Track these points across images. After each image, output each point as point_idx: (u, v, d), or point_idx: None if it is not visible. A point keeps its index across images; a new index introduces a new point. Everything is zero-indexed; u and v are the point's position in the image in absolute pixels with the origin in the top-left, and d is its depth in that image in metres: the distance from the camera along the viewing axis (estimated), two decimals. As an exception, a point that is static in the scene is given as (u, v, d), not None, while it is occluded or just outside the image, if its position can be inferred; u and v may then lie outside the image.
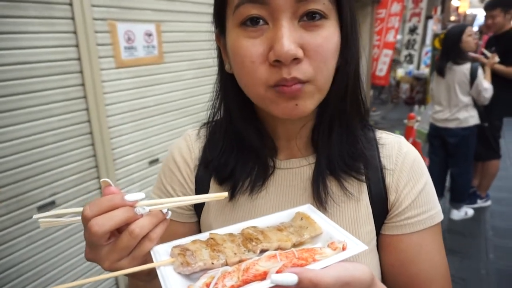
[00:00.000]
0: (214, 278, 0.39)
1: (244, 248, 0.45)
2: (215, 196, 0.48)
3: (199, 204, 0.66)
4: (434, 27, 7.26)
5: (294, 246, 0.47)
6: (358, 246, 0.44)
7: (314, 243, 0.49)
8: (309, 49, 0.48)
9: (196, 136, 0.70)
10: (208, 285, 0.38)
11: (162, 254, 0.45)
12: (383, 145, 0.61)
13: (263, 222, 0.51)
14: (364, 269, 0.40)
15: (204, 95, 2.59)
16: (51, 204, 1.72)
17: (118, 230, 0.45)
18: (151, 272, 0.49)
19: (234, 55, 0.52)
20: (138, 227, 0.43)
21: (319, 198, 0.58)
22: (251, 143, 0.61)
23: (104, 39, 1.86)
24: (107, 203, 0.43)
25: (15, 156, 1.56)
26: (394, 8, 5.34)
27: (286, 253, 0.42)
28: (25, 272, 1.65)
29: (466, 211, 3.28)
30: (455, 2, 12.32)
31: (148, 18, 2.08)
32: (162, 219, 0.46)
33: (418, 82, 6.28)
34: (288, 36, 0.46)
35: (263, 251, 0.45)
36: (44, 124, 1.65)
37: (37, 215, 0.45)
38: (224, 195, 0.48)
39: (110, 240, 0.45)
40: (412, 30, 6.32)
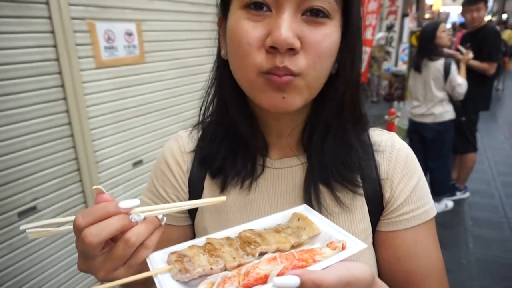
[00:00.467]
0: (214, 284, 0.38)
1: (243, 252, 0.44)
2: (212, 201, 0.47)
3: (185, 201, 0.65)
4: (410, 24, 7.43)
5: (292, 247, 0.46)
6: (358, 244, 0.44)
7: (312, 243, 0.48)
8: (307, 42, 0.48)
9: (188, 137, 0.68)
10: None
11: (158, 261, 0.44)
12: (378, 145, 0.62)
13: (259, 224, 0.51)
14: (365, 268, 0.40)
15: (187, 95, 2.57)
16: (32, 209, 1.67)
17: (112, 239, 0.44)
18: (147, 281, 0.47)
19: (232, 36, 0.51)
20: (134, 235, 0.42)
21: (311, 206, 0.57)
22: (243, 136, 0.60)
23: (83, 39, 1.81)
24: (101, 212, 0.42)
25: (-8, 161, 1.50)
26: (371, 6, 5.42)
27: (286, 255, 0.42)
28: (6, 281, 1.60)
29: (446, 203, 3.38)
30: (429, 0, 12.66)
31: (128, 17, 2.04)
32: (158, 226, 0.45)
33: (397, 79, 6.42)
34: (288, 25, 0.46)
35: (262, 254, 0.44)
36: (23, 127, 1.60)
37: (24, 226, 0.43)
38: (222, 199, 0.47)
39: (104, 249, 0.43)
40: (389, 28, 6.45)
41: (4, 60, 1.49)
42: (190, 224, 0.68)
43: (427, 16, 11.46)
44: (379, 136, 0.63)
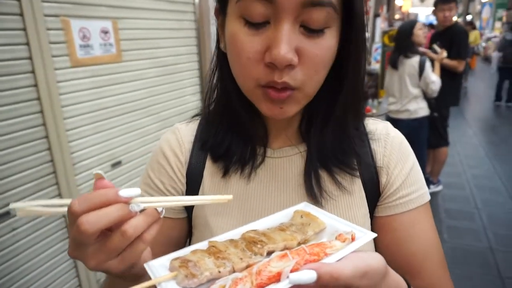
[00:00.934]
0: (225, 286, 0.36)
1: (250, 252, 0.43)
2: (216, 199, 0.45)
3: (190, 196, 0.64)
4: (382, 24, 7.64)
5: (299, 244, 0.45)
6: (367, 234, 0.43)
7: (318, 239, 0.47)
8: (304, 56, 0.48)
9: (186, 128, 0.68)
10: None
11: (159, 269, 0.40)
12: (373, 134, 0.63)
13: (261, 224, 0.50)
14: (379, 257, 0.40)
15: (167, 93, 2.53)
16: (7, 214, 1.59)
17: (107, 228, 0.41)
18: (142, 275, 0.47)
19: (231, 45, 0.51)
20: (132, 228, 0.39)
21: (312, 192, 0.58)
22: (244, 126, 0.61)
23: (57, 36, 1.75)
24: (100, 198, 0.39)
25: (-38, 165, 1.43)
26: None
27: (296, 250, 0.40)
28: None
29: (421, 196, 3.49)
30: (398, 1, 13.06)
31: (103, 15, 1.99)
32: (157, 219, 0.42)
33: (371, 77, 6.58)
34: (287, 40, 0.46)
35: (269, 253, 0.42)
36: (-7, 129, 1.53)
37: (14, 204, 0.40)
38: (227, 198, 0.45)
39: (98, 238, 0.41)
40: (363, 28, 6.59)
41: (-27, 58, 1.42)
42: (186, 217, 0.67)
43: (397, 16, 11.83)
44: (373, 125, 0.65)
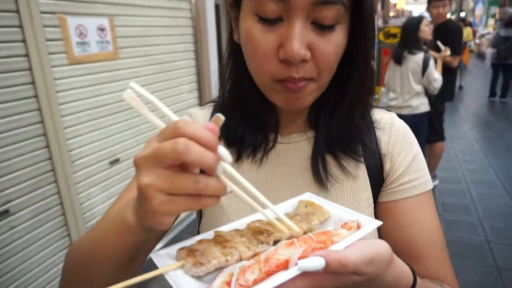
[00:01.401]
0: (233, 275, 0.35)
1: (256, 241, 0.42)
2: None
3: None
4: (377, 22, 7.67)
5: (305, 233, 0.45)
6: (372, 222, 0.44)
7: (323, 228, 0.47)
8: (317, 52, 0.50)
9: (200, 114, 0.70)
10: (228, 283, 0.35)
11: (166, 259, 0.40)
12: (378, 123, 0.65)
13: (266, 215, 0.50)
14: (384, 244, 0.40)
15: (164, 91, 2.53)
16: (5, 213, 1.59)
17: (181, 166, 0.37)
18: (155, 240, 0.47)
19: (246, 41, 0.53)
20: (205, 184, 0.36)
21: (319, 175, 0.60)
22: (257, 113, 0.62)
23: (54, 34, 1.74)
24: (205, 136, 0.34)
25: (-40, 162, 1.42)
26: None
27: (303, 238, 0.41)
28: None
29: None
30: (393, -1, 13.11)
31: (100, 12, 1.98)
32: (221, 194, 0.38)
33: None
34: (299, 37, 0.48)
35: (275, 242, 0.43)
36: (-9, 126, 1.52)
37: (133, 84, 0.38)
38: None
39: (173, 167, 0.36)
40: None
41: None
42: None
43: (391, 14, 11.88)
44: (379, 115, 0.67)
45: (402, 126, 0.66)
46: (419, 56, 2.97)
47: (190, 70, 2.83)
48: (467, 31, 8.00)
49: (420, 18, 3.05)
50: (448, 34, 3.30)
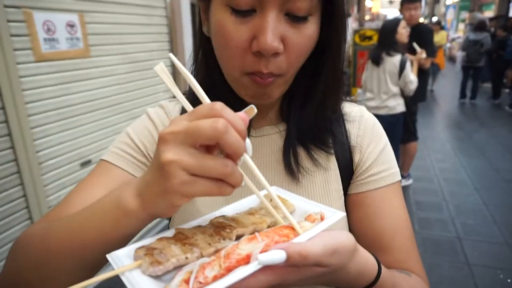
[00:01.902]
0: (192, 272, 0.34)
1: (218, 237, 0.41)
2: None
3: None
4: (353, 24, 7.82)
5: (268, 227, 0.45)
6: (336, 213, 0.44)
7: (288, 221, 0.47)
8: (289, 44, 0.49)
9: (171, 106, 0.68)
10: (187, 281, 0.34)
11: (123, 259, 0.38)
12: (348, 115, 0.66)
13: (230, 210, 0.49)
14: (348, 234, 0.40)
15: (139, 90, 2.47)
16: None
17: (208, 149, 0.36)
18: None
19: (217, 33, 0.51)
20: (231, 170, 0.35)
21: (290, 168, 0.60)
22: (228, 106, 0.60)
23: (20, 29, 1.67)
24: (239, 124, 0.35)
25: None
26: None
27: (265, 232, 0.40)
28: None
29: (393, 190, 3.58)
30: (368, 2, 13.43)
31: (68, 8, 1.91)
32: (239, 185, 0.38)
33: (344, 76, 6.70)
34: (273, 28, 0.47)
35: (238, 237, 0.42)
36: (-50, 126, 1.43)
37: (160, 65, 0.38)
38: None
39: (201, 148, 0.36)
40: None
41: None
42: None
43: (367, 17, 12.15)
44: (349, 108, 0.67)
45: (371, 119, 0.67)
46: (397, 58, 3.04)
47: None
48: (441, 35, 8.23)
49: (398, 21, 3.13)
50: (420, 36, 3.39)
